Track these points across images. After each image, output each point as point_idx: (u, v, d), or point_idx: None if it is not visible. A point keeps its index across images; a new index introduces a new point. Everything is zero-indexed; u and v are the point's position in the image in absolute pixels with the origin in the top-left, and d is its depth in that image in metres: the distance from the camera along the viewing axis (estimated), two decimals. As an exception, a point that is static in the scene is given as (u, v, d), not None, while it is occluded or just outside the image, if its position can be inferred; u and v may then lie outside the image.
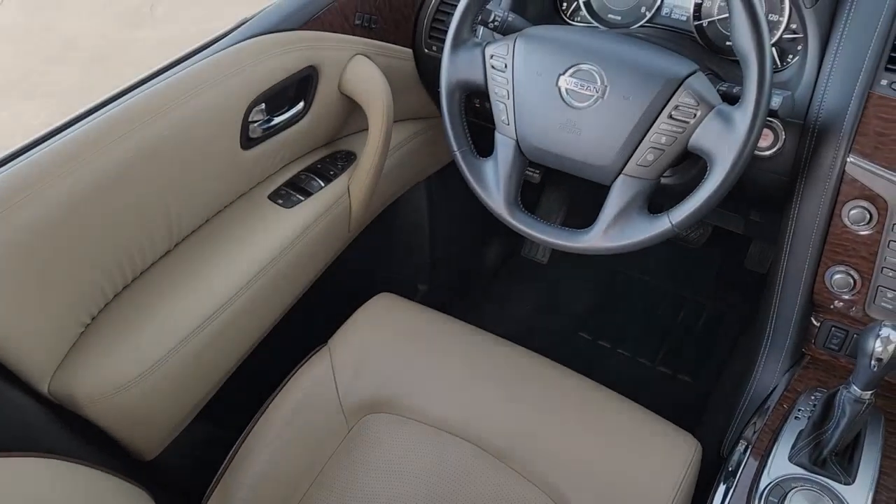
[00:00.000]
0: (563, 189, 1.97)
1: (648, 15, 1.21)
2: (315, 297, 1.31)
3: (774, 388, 1.17)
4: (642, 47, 1.00)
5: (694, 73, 0.93)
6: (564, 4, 1.28)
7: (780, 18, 1.10)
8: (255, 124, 1.13)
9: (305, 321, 1.30)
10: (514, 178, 1.03)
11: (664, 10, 1.20)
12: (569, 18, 1.28)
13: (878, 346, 0.89)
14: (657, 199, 1.03)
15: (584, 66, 0.95)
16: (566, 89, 0.96)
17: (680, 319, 1.86)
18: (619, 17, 1.24)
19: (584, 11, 1.25)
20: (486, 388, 1.11)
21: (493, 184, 1.04)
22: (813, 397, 1.07)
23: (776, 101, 0.92)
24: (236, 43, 1.09)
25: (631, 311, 1.88)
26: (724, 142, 0.89)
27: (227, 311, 1.08)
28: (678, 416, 1.14)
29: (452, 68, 1.04)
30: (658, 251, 1.98)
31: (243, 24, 1.14)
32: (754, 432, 1.06)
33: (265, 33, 1.11)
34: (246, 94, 1.08)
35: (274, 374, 1.14)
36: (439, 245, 1.75)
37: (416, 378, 1.12)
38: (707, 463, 1.08)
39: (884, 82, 0.97)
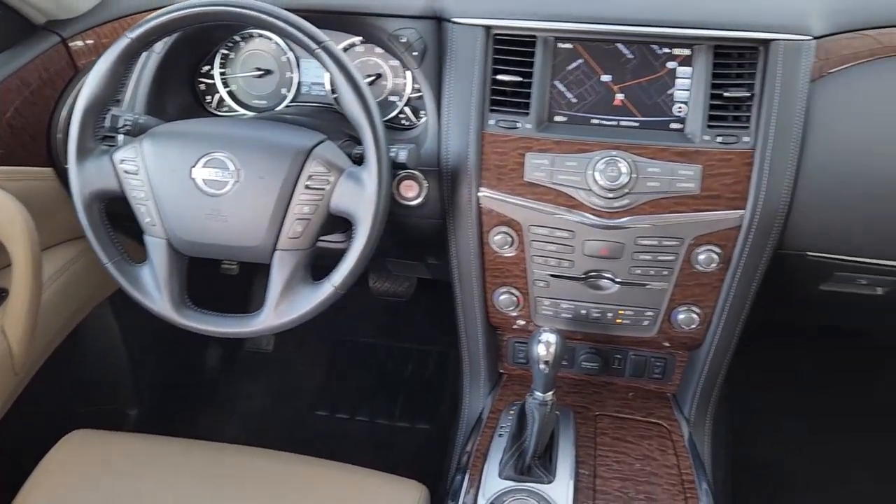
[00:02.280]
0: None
1: (290, 95, 1.25)
2: None
3: (482, 412, 1.25)
4: (269, 127, 1.03)
5: (321, 142, 0.98)
6: (208, 97, 1.28)
7: (404, 80, 1.21)
8: None
9: None
10: (175, 277, 1.00)
11: (304, 89, 1.25)
12: (216, 110, 1.28)
13: (541, 350, 0.99)
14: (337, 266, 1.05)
15: (214, 155, 0.96)
16: (203, 179, 0.96)
17: (410, 371, 1.92)
18: (264, 101, 1.27)
19: (229, 100, 1.27)
20: (210, 502, 1.04)
21: (153, 288, 1.00)
22: (511, 412, 1.15)
23: (403, 155, 1.00)
24: None
25: (363, 376, 1.91)
26: (359, 201, 0.94)
27: None
28: (422, 464, 1.16)
29: (83, 180, 0.99)
30: (375, 311, 2.04)
31: None
32: (468, 458, 1.11)
33: None
34: None
35: None
36: (142, 362, 1.63)
37: None
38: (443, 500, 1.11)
39: (492, 122, 1.10)
